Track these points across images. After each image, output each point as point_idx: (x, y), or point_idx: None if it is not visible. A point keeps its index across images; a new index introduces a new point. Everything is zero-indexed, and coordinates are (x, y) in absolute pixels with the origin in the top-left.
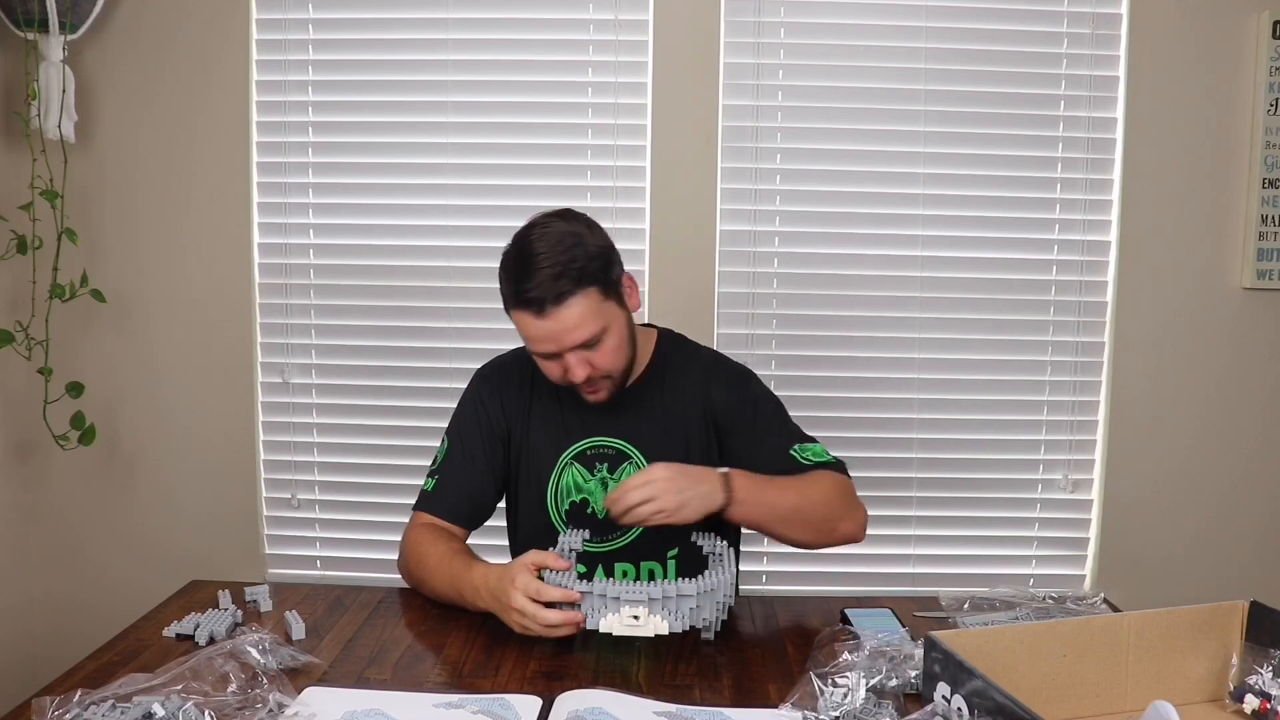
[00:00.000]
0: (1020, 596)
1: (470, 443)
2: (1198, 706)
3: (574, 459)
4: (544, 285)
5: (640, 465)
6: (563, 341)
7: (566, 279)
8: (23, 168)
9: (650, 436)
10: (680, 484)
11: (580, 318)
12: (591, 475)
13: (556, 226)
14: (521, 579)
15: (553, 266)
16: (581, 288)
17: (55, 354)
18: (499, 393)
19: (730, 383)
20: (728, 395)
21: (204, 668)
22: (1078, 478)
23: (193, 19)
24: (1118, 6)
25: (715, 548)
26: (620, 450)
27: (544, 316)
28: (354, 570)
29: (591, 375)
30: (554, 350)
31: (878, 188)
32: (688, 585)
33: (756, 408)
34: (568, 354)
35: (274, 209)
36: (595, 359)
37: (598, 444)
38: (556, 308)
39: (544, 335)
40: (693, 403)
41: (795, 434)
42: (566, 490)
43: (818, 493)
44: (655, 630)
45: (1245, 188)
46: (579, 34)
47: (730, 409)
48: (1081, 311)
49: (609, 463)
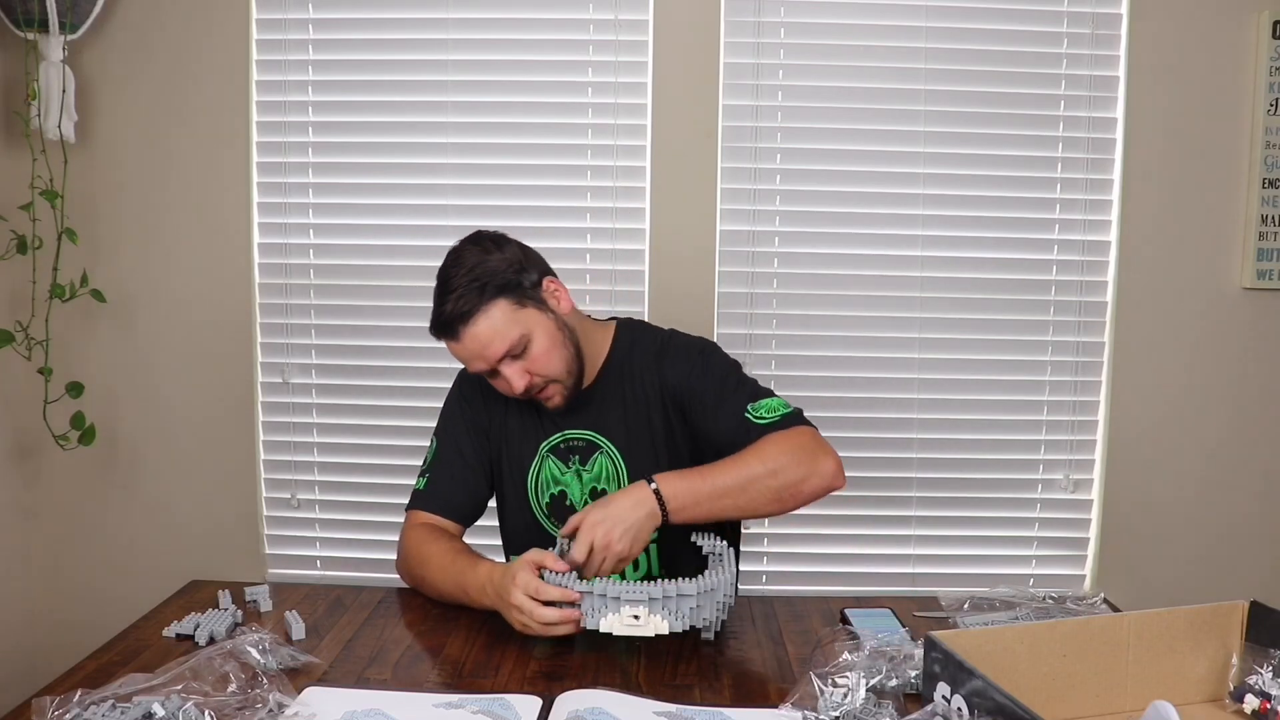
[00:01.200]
0: (1020, 596)
1: (458, 439)
2: (1198, 706)
3: (550, 452)
4: (451, 309)
5: (611, 455)
6: (487, 357)
7: (469, 297)
8: (23, 168)
9: (616, 426)
10: (617, 523)
11: (494, 330)
12: (567, 468)
13: (461, 253)
14: (522, 576)
15: (456, 290)
16: (487, 301)
17: (55, 354)
18: (479, 390)
19: (681, 358)
20: (679, 372)
21: (204, 668)
22: (1078, 478)
23: (193, 19)
24: (1118, 6)
25: (715, 548)
26: (590, 441)
27: (459, 338)
28: (354, 570)
29: (533, 383)
30: (486, 367)
31: (877, 188)
32: (688, 585)
33: (709, 377)
34: (501, 367)
35: (274, 209)
36: (530, 366)
37: (569, 437)
38: (467, 326)
39: (469, 355)
40: (650, 387)
41: (751, 392)
42: (545, 483)
43: (763, 464)
44: (656, 630)
45: (1245, 188)
46: (579, 34)
47: (684, 385)
48: (1081, 311)
49: (580, 454)
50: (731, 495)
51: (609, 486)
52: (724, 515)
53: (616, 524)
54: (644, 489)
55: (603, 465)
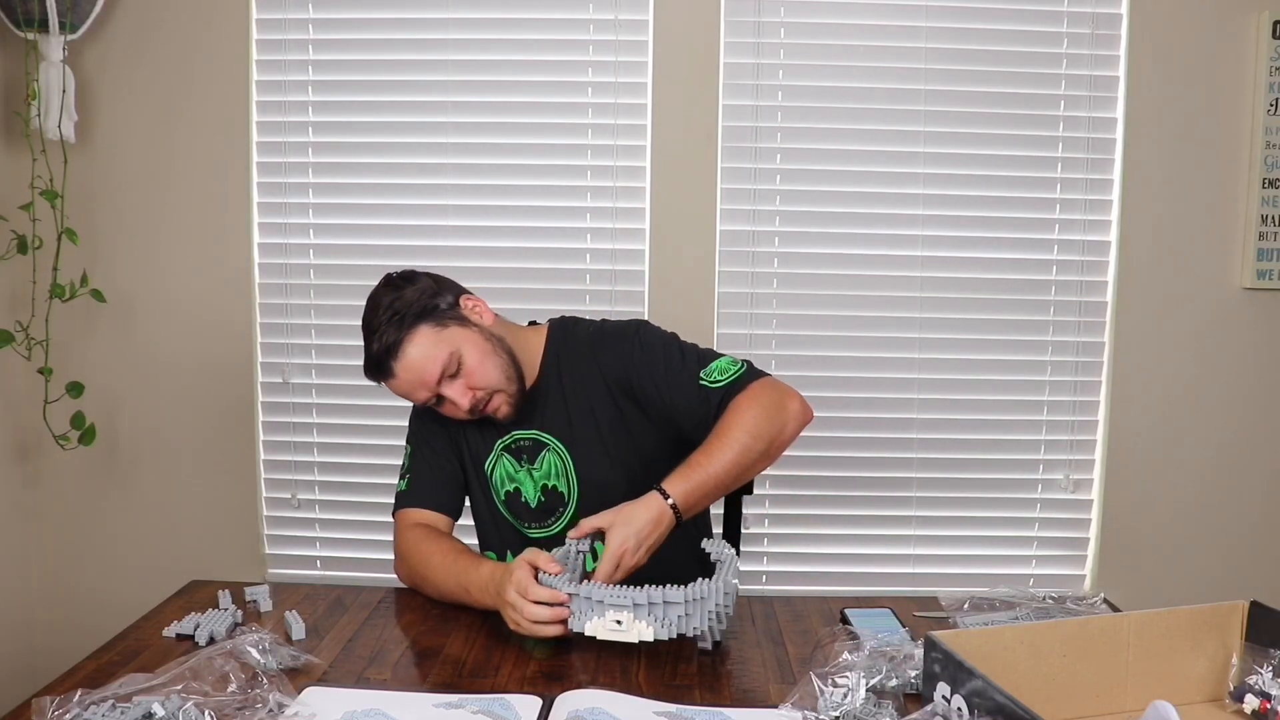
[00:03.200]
0: (1020, 596)
1: (430, 439)
2: (1198, 706)
3: (504, 450)
4: (378, 347)
5: (558, 452)
6: (426, 382)
7: (390, 331)
8: (23, 168)
9: (559, 422)
10: (641, 543)
11: (424, 354)
12: (520, 466)
13: (375, 297)
14: (516, 575)
15: (378, 329)
16: (409, 330)
17: (55, 354)
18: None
19: (615, 343)
20: (616, 356)
21: (204, 668)
22: (1078, 478)
23: (193, 19)
24: (1118, 6)
25: (722, 554)
26: (536, 440)
27: (394, 373)
28: (354, 570)
29: (477, 398)
30: (428, 395)
31: (878, 188)
32: (675, 592)
33: (649, 354)
34: (442, 390)
35: (274, 209)
36: (469, 381)
37: (516, 437)
38: (397, 360)
39: (409, 386)
40: (589, 378)
41: (697, 358)
42: (502, 480)
43: (745, 432)
44: (640, 636)
45: (1245, 188)
46: (579, 34)
47: (625, 368)
48: (1081, 311)
49: (528, 454)
50: (731, 474)
51: (559, 483)
52: (726, 492)
53: (642, 544)
54: (660, 503)
55: (551, 463)
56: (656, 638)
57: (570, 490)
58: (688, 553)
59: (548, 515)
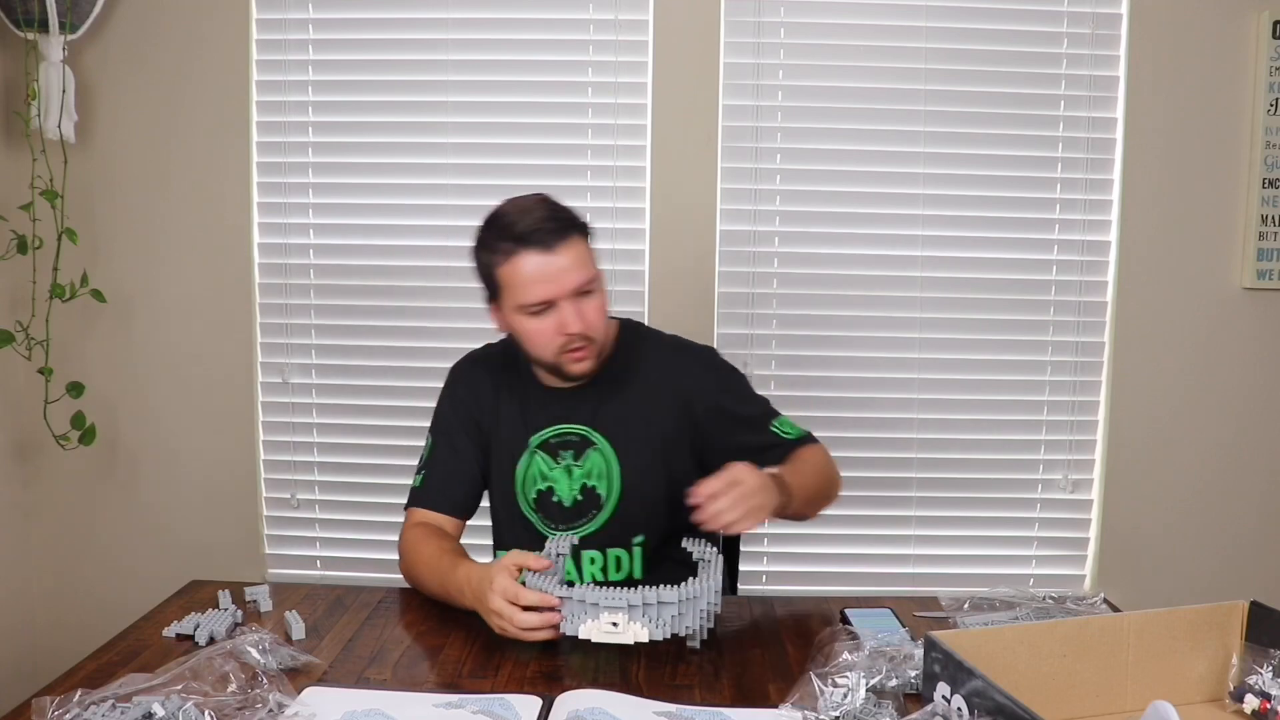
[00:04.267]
0: (1020, 596)
1: (453, 435)
2: (1198, 706)
3: (539, 447)
4: (548, 222)
5: (604, 453)
6: (563, 282)
7: (563, 220)
8: (23, 168)
9: (615, 423)
10: (765, 497)
11: (580, 258)
12: (556, 463)
13: (534, 195)
14: (499, 581)
15: (549, 211)
16: (577, 232)
17: (55, 354)
18: (470, 385)
19: (699, 366)
20: (696, 377)
21: (204, 668)
22: (1078, 478)
23: (193, 19)
24: (1118, 6)
25: (705, 554)
26: (584, 437)
27: (551, 251)
28: (354, 570)
29: (588, 328)
30: (553, 294)
31: (878, 188)
32: (669, 593)
33: (729, 383)
34: (564, 302)
35: (274, 209)
36: (586, 312)
37: (562, 431)
38: (561, 243)
39: (547, 274)
40: (662, 390)
41: (766, 408)
42: (533, 479)
43: (822, 470)
44: (635, 638)
45: (1245, 188)
46: (579, 34)
47: (703, 392)
48: (1081, 311)
49: (574, 450)
50: (811, 494)
51: (599, 484)
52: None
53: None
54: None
55: (595, 462)
56: (651, 638)
57: (609, 493)
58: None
59: (579, 516)
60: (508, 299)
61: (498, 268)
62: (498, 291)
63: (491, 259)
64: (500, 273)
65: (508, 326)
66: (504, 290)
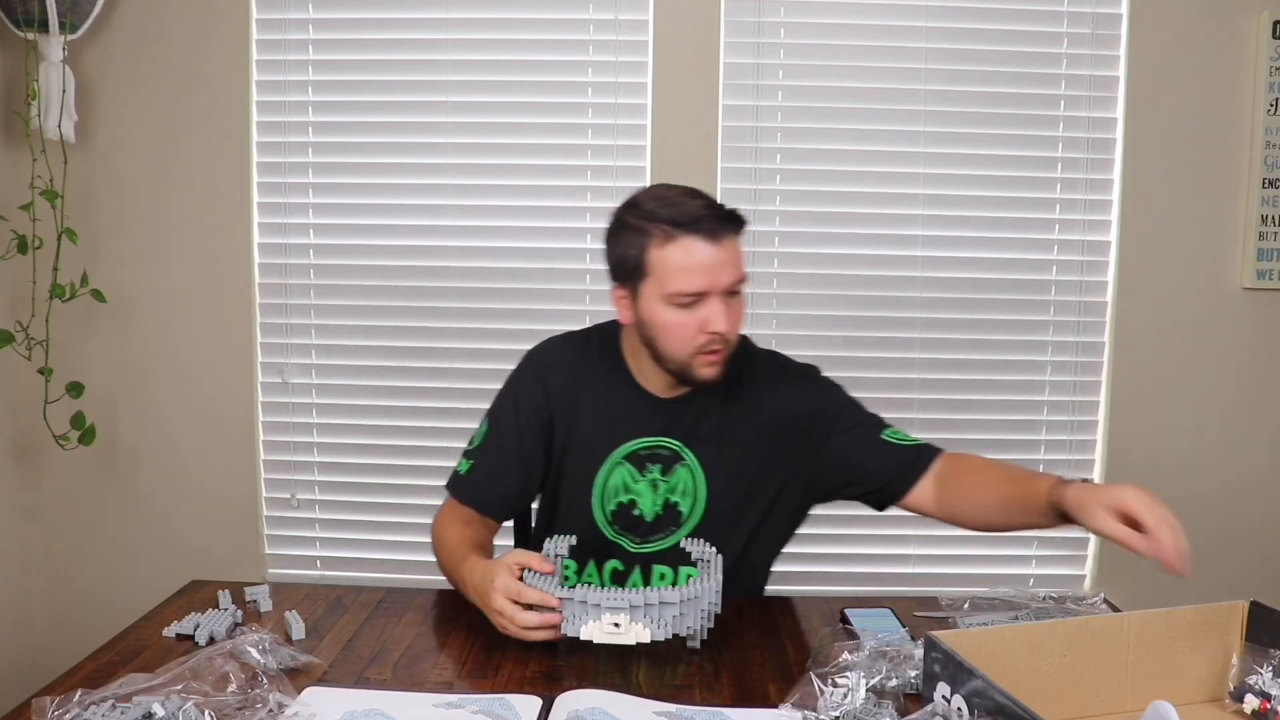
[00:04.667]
0: (1020, 596)
1: (506, 433)
2: (1198, 706)
3: (625, 458)
4: (714, 209)
5: (692, 470)
6: (720, 277)
7: (729, 212)
8: (23, 168)
9: (709, 441)
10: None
11: (738, 255)
12: (642, 476)
13: (679, 186)
14: (501, 580)
15: (712, 200)
16: (740, 227)
17: (55, 354)
18: (544, 378)
19: (803, 384)
20: (805, 398)
21: (204, 668)
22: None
23: (193, 19)
24: (1118, 6)
25: (704, 554)
26: (675, 452)
27: (717, 241)
28: (354, 570)
29: (725, 332)
30: (707, 286)
31: (878, 187)
32: (670, 593)
33: (834, 401)
34: (715, 298)
35: (274, 209)
36: (731, 314)
37: (653, 444)
38: (726, 234)
39: (708, 265)
40: (762, 410)
41: (875, 420)
42: (615, 490)
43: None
44: (637, 638)
45: (1245, 188)
46: (579, 34)
47: (811, 411)
48: (1081, 311)
49: (663, 464)
50: None
51: (682, 501)
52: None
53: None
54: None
55: (682, 478)
56: (653, 639)
57: (692, 511)
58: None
59: (656, 531)
60: (654, 284)
61: (650, 249)
62: (643, 276)
63: (644, 240)
64: (653, 255)
65: (641, 316)
66: (652, 274)
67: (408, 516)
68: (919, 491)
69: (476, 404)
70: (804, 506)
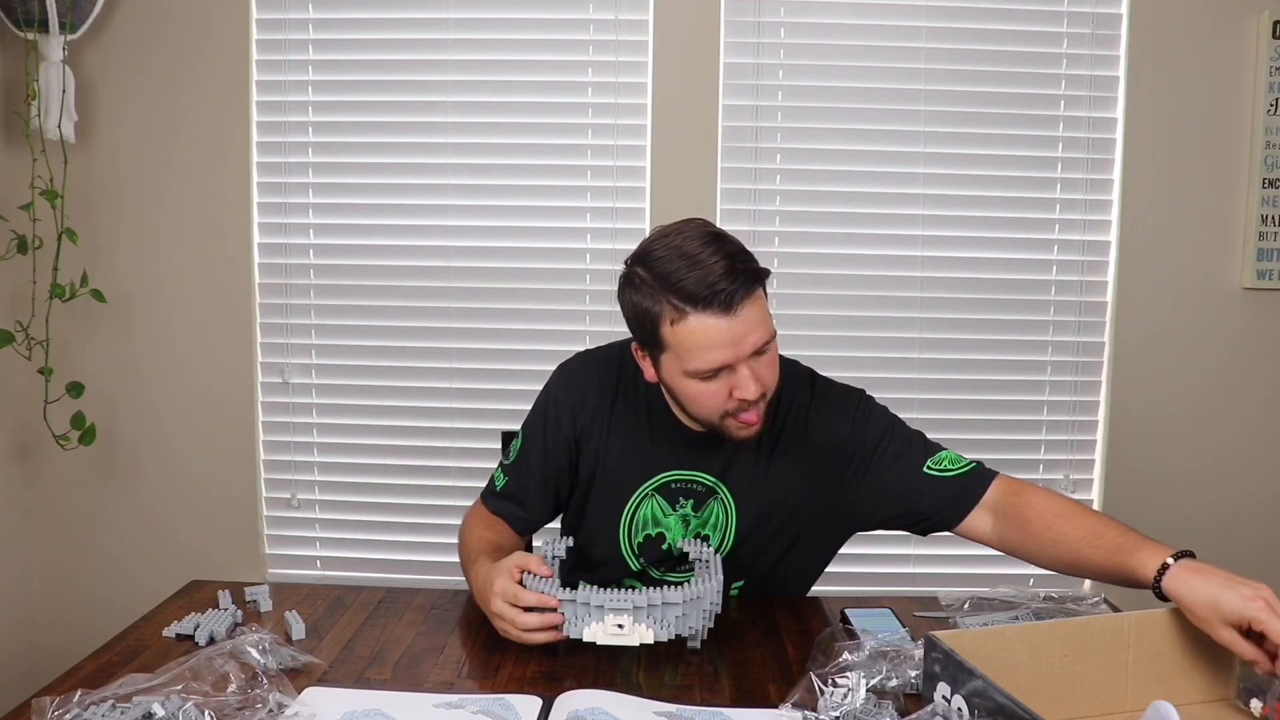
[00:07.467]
0: (1020, 596)
1: (532, 454)
2: (1198, 707)
3: (656, 490)
4: (728, 278)
5: (727, 505)
6: (743, 345)
7: (744, 272)
8: (23, 168)
9: (746, 477)
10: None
11: (761, 314)
12: (673, 510)
13: (699, 228)
14: (500, 583)
15: (728, 262)
16: (758, 284)
17: (55, 354)
18: (573, 397)
19: (844, 412)
20: (845, 428)
21: (204, 668)
22: (1078, 477)
23: (193, 19)
24: (1118, 6)
25: (703, 555)
26: (710, 487)
27: (733, 314)
28: (354, 570)
29: (758, 395)
30: (731, 359)
31: (878, 187)
32: (673, 594)
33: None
34: (742, 365)
35: (274, 209)
36: (762, 374)
37: (687, 478)
38: (745, 302)
39: (728, 339)
40: (804, 441)
41: (920, 447)
42: (643, 522)
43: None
44: (640, 639)
45: (1245, 188)
46: (579, 34)
47: (851, 442)
48: (1081, 311)
49: (695, 499)
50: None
51: (712, 534)
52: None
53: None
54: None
55: (714, 513)
56: (656, 639)
57: (722, 544)
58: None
59: (680, 562)
60: (672, 362)
61: (663, 326)
62: (660, 349)
63: (655, 313)
64: (666, 333)
65: (665, 381)
66: (669, 349)
67: (408, 516)
68: (971, 523)
69: (476, 404)
70: (841, 536)
